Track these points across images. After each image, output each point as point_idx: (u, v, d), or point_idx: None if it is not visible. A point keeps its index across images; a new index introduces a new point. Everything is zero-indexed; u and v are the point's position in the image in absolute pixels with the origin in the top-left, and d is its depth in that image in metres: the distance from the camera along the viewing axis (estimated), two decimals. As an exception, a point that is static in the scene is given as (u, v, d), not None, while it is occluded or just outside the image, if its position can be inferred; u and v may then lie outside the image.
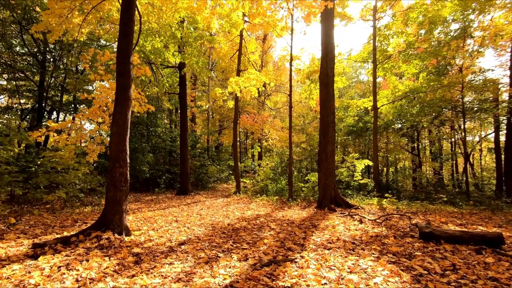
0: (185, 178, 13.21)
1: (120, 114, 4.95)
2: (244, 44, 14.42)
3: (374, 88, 13.24)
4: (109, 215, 4.73)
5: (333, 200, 9.05)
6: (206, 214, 7.93)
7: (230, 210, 8.75)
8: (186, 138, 13.49)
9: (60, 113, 16.78)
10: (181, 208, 9.01)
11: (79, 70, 15.66)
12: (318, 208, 8.94)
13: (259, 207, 9.66)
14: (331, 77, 9.63)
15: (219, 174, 19.51)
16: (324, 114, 9.50)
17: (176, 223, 6.29)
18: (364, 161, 12.26)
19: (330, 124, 9.44)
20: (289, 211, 8.79)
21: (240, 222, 6.63)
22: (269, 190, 13.08)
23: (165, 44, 11.43)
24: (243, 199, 11.57)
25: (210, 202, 10.81)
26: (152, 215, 7.41)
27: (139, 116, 15.96)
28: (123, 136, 4.95)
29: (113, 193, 4.77)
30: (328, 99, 9.50)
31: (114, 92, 5.20)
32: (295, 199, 10.92)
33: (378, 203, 9.42)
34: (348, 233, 5.30)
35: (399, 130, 18.22)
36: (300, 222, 6.47)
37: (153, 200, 10.96)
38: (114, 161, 4.85)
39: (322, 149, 9.43)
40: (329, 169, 9.25)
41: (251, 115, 20.48)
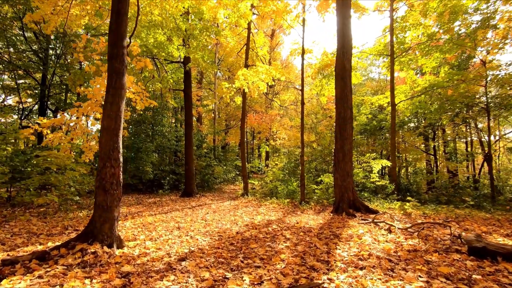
0: (190, 179, 12.52)
1: (111, 104, 4.25)
2: (252, 38, 13.67)
3: (391, 83, 12.33)
4: (98, 224, 4.02)
5: (352, 204, 8.21)
6: (212, 219, 7.19)
7: (238, 215, 8.00)
8: (191, 137, 12.81)
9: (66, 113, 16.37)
10: (185, 212, 8.29)
11: (83, 66, 15.16)
12: (334, 213, 8.12)
13: (269, 211, 8.89)
14: (348, 69, 8.80)
15: (226, 174, 18.80)
16: (341, 110, 8.67)
17: (178, 231, 5.56)
18: (382, 161, 11.37)
19: (348, 120, 8.61)
20: (303, 216, 7.99)
21: (250, 230, 5.87)
22: (278, 192, 12.29)
23: (169, 36, 10.77)
24: (251, 202, 10.80)
25: (217, 205, 10.08)
26: (153, 220, 6.70)
27: (143, 114, 15.36)
28: (115, 130, 4.24)
29: (102, 198, 4.06)
30: (345, 93, 8.68)
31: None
32: (308, 202, 10.11)
33: (400, 208, 8.54)
34: (378, 246, 4.48)
35: (415, 128, 17.22)
36: (318, 231, 5.67)
37: (155, 203, 10.28)
38: (105, 160, 4.14)
39: (338, 148, 8.61)
40: (346, 170, 8.42)
41: (258, 113, 19.72)
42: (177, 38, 11.10)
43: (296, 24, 11.45)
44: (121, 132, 4.35)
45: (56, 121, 7.04)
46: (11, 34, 13.69)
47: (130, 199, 11.33)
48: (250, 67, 10.94)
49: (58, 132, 7.29)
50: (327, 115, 19.09)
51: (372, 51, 13.69)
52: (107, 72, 4.40)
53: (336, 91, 8.93)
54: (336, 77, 8.98)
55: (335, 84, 8.99)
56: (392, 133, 12.08)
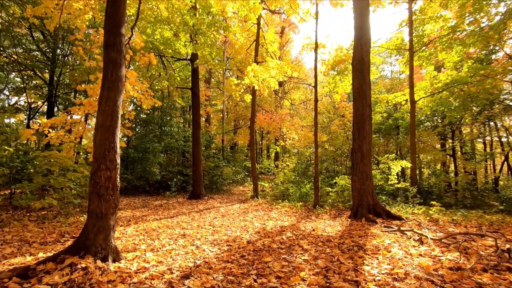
0: (197, 181, 12.06)
1: (107, 99, 3.77)
2: (261, 34, 13.13)
3: (410, 79, 11.56)
4: (91, 234, 3.54)
5: (371, 209, 7.56)
6: (220, 225, 6.66)
7: (249, 220, 7.45)
8: (198, 137, 12.35)
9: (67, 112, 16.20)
10: (192, 217, 7.80)
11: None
12: (353, 219, 7.48)
13: (281, 215, 8.31)
14: (367, 62, 8.15)
15: (235, 176, 18.31)
16: (359, 106, 8.02)
17: (183, 239, 5.05)
18: (401, 162, 10.62)
19: (367, 118, 7.95)
20: (318, 221, 7.39)
21: (262, 238, 5.31)
22: (290, 195, 11.69)
23: (175, 32, 10.33)
24: (262, 205, 10.24)
25: (225, 208, 9.57)
26: (157, 226, 6.22)
27: (150, 114, 15.02)
28: (112, 128, 3.76)
29: (96, 205, 3.58)
30: (363, 88, 8.03)
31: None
32: (322, 206, 9.49)
33: (425, 213, 7.83)
34: (413, 261, 3.85)
35: (434, 127, 16.32)
36: (339, 240, 5.07)
37: (162, 206, 9.84)
38: (99, 162, 3.66)
39: (356, 148, 7.96)
40: (365, 172, 7.77)
41: (268, 113, 19.15)
42: (184, 34, 10.66)
43: (308, 17, 10.84)
44: (118, 130, 3.87)
45: (57, 120, 6.65)
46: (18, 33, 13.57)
47: (136, 201, 10.94)
48: (260, 63, 10.39)
49: (60, 131, 6.92)
50: (340, 114, 18.37)
51: (389, 45, 12.94)
52: (103, 63, 3.93)
53: (354, 86, 8.29)
54: (353, 71, 8.34)
55: (352, 79, 8.36)
56: (411, 131, 11.32)
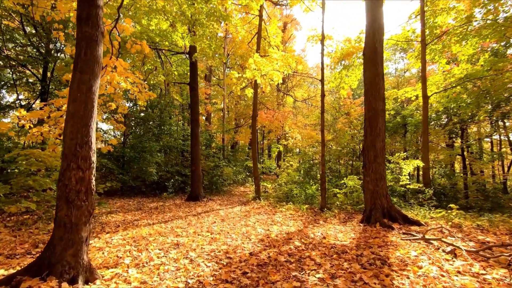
0: (196, 181, 11.38)
1: (79, 84, 3.09)
2: (264, 27, 12.44)
3: (423, 73, 10.85)
4: (58, 248, 2.86)
5: (386, 213, 6.86)
6: (219, 231, 5.98)
7: (251, 225, 6.76)
8: (197, 135, 11.67)
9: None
10: (188, 221, 7.11)
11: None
12: (365, 224, 6.79)
13: (286, 219, 7.62)
14: (380, 52, 7.44)
15: (235, 176, 17.62)
16: (371, 100, 7.32)
17: (175, 250, 4.37)
18: (413, 161, 9.90)
19: (380, 113, 7.25)
20: (327, 226, 6.70)
21: (267, 248, 4.62)
22: (294, 196, 11.00)
23: (172, 23, 9.66)
24: (264, 208, 9.55)
25: (225, 211, 8.88)
26: (148, 233, 5.54)
27: (147, 111, 14.35)
28: (85, 119, 3.08)
29: (65, 213, 2.90)
30: (376, 80, 7.32)
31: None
32: (330, 209, 8.80)
33: (445, 218, 7.13)
34: (452, 281, 3.15)
35: (444, 125, 15.60)
36: (356, 251, 4.37)
37: (157, 208, 9.17)
38: (69, 160, 2.98)
39: (368, 146, 7.26)
40: (379, 172, 7.07)
41: (270, 111, 18.46)
42: (181, 25, 9.98)
43: (315, 6, 10.15)
44: (94, 121, 3.19)
45: (38, 113, 5.99)
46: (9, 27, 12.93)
47: (130, 203, 10.27)
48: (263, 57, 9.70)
49: (44, 126, 6.25)
50: (344, 111, 17.67)
51: (399, 37, 12.22)
52: (76, 41, 3.25)
53: (365, 79, 7.59)
54: (365, 62, 7.64)
55: (364, 71, 7.66)
56: (424, 129, 10.61)
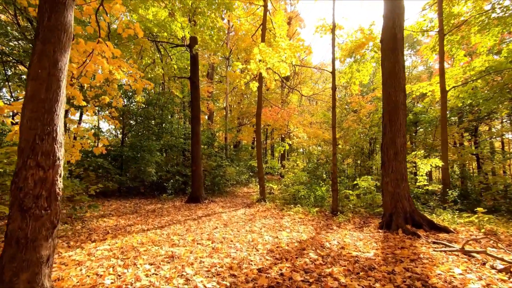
0: (197, 182, 10.68)
1: (41, 56, 2.39)
2: (268, 18, 11.72)
3: (441, 66, 10.07)
4: (8, 271, 2.16)
5: (409, 218, 6.11)
6: (221, 239, 5.27)
7: (257, 231, 6.04)
8: (198, 133, 10.97)
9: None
10: (187, 226, 6.41)
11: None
12: (386, 230, 6.04)
13: (295, 224, 6.89)
14: (400, 39, 6.70)
15: (239, 176, 16.90)
16: (391, 92, 6.58)
17: (169, 265, 3.66)
18: (432, 160, 9.12)
19: (400, 106, 6.51)
20: (342, 232, 5.98)
21: (278, 262, 3.90)
22: (301, 198, 10.28)
23: (171, 11, 8.97)
24: (270, 211, 8.83)
25: (228, 215, 8.17)
26: (140, 241, 4.84)
27: (146, 108, 13.68)
28: (49, 102, 2.38)
29: (18, 224, 2.20)
30: (396, 70, 6.58)
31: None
32: (342, 212, 8.06)
33: (475, 223, 6.36)
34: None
35: (459, 122, 14.79)
36: (386, 268, 3.64)
37: (155, 211, 8.48)
38: (25, 155, 2.28)
39: (388, 143, 6.52)
40: (400, 171, 6.32)
41: (274, 108, 17.72)
42: (181, 14, 9.30)
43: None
44: (61, 106, 2.49)
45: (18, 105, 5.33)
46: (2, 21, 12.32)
47: (127, 205, 9.60)
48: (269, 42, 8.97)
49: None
50: (353, 108, 16.89)
51: (414, 28, 11.43)
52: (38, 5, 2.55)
53: (384, 69, 6.84)
54: (383, 51, 6.90)
55: (382, 60, 6.91)
56: (443, 125, 9.83)
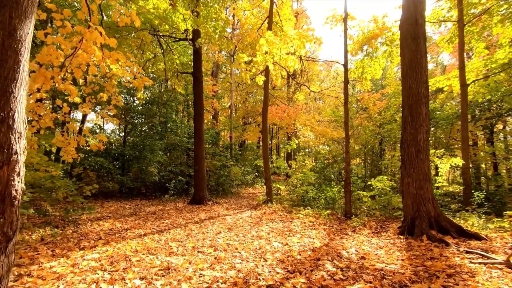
0: (200, 182, 10.16)
1: (-9, 23, 1.88)
2: (275, 10, 11.16)
3: (461, 58, 9.37)
4: None
5: (434, 223, 5.48)
6: (225, 246, 4.72)
7: (264, 236, 5.49)
8: (201, 130, 10.46)
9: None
10: (189, 231, 5.89)
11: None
12: (407, 236, 5.43)
13: (306, 228, 6.32)
14: (422, 25, 6.08)
15: (244, 176, 16.36)
16: (412, 84, 5.96)
17: (163, 280, 3.13)
18: (452, 160, 8.44)
19: (423, 99, 5.89)
20: (359, 238, 5.39)
21: (291, 276, 3.34)
22: (310, 199, 9.70)
23: (172, 1, 8.48)
24: (278, 213, 8.26)
25: (233, 217, 7.63)
26: (134, 249, 4.32)
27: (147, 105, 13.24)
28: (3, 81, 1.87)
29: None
30: (417, 59, 5.96)
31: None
32: (356, 215, 7.46)
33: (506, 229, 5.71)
34: None
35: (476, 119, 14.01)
36: (421, 285, 3.05)
37: (155, 213, 7.99)
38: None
39: (409, 140, 5.90)
40: (423, 171, 5.70)
41: (281, 106, 17.15)
42: (183, 4, 8.82)
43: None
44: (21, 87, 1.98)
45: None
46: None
47: (127, 206, 9.14)
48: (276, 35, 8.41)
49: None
50: (362, 106, 16.22)
51: (429, 18, 10.72)
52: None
53: (404, 59, 6.23)
54: (402, 39, 6.28)
55: (402, 49, 6.29)
56: (463, 122, 9.15)
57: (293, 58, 8.19)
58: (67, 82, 5.06)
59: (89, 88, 5.88)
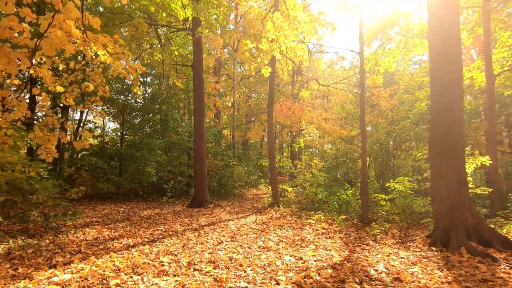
0: (200, 183, 9.40)
1: None
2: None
3: (487, 47, 8.51)
4: None
5: (472, 233, 4.66)
6: (227, 260, 3.95)
7: (273, 247, 4.70)
8: (202, 128, 9.69)
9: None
10: (185, 240, 5.11)
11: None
12: (441, 248, 4.61)
13: (319, 237, 5.53)
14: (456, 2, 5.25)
15: (247, 177, 15.58)
16: (443, 70, 5.14)
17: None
18: (479, 158, 7.60)
19: (456, 89, 5.07)
20: (384, 250, 4.61)
21: (313, 309, 2.56)
22: (320, 202, 8.92)
23: (169, -15, 7.74)
24: (286, 218, 7.47)
25: (236, 223, 6.85)
26: (117, 265, 3.57)
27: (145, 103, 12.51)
28: None
29: None
30: (450, 40, 5.12)
31: None
32: (374, 220, 6.65)
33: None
34: None
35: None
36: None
37: (150, 218, 7.23)
38: None
39: (441, 134, 5.09)
40: (458, 171, 4.89)
41: (286, 103, 16.36)
42: (182, -11, 8.08)
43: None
44: None
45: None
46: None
47: (121, 210, 8.40)
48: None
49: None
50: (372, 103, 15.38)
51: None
52: None
53: (432, 40, 5.41)
54: (430, 21, 5.46)
55: (430, 29, 5.47)
56: (490, 118, 8.31)
57: (302, 46, 7.41)
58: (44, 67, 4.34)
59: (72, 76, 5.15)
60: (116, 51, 4.46)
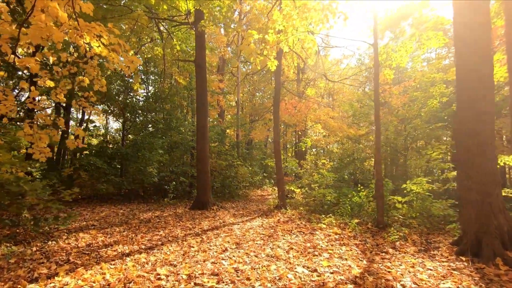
0: (203, 184, 8.97)
1: None
2: (287, -9, 9.88)
3: (509, 38, 7.93)
4: None
5: (508, 241, 4.15)
6: (232, 272, 3.50)
7: (283, 256, 4.24)
8: (205, 126, 9.26)
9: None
10: (186, 247, 4.67)
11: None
12: (472, 257, 4.10)
13: (333, 243, 5.05)
14: (483, -17, 4.75)
15: (252, 177, 15.11)
16: (471, 61, 4.64)
17: None
18: (503, 158, 7.05)
19: (486, 81, 4.56)
20: (406, 260, 4.12)
21: None
22: (327, 203, 8.43)
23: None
24: (295, 222, 6.99)
25: (241, 227, 6.39)
26: (107, 280, 3.13)
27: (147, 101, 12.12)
28: None
29: None
30: (479, 29, 4.62)
31: None
32: (389, 225, 6.15)
33: None
34: None
35: None
36: None
37: (150, 221, 6.81)
38: None
39: (468, 131, 4.58)
40: (489, 171, 4.38)
41: (292, 101, 15.86)
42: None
43: None
44: None
45: None
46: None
47: (120, 212, 7.99)
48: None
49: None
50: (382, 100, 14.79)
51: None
52: None
53: (458, 28, 4.90)
54: (457, 5, 4.95)
55: (456, 11, 4.96)
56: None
57: (312, 38, 6.92)
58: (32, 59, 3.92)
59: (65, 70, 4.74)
60: (111, 41, 4.03)
